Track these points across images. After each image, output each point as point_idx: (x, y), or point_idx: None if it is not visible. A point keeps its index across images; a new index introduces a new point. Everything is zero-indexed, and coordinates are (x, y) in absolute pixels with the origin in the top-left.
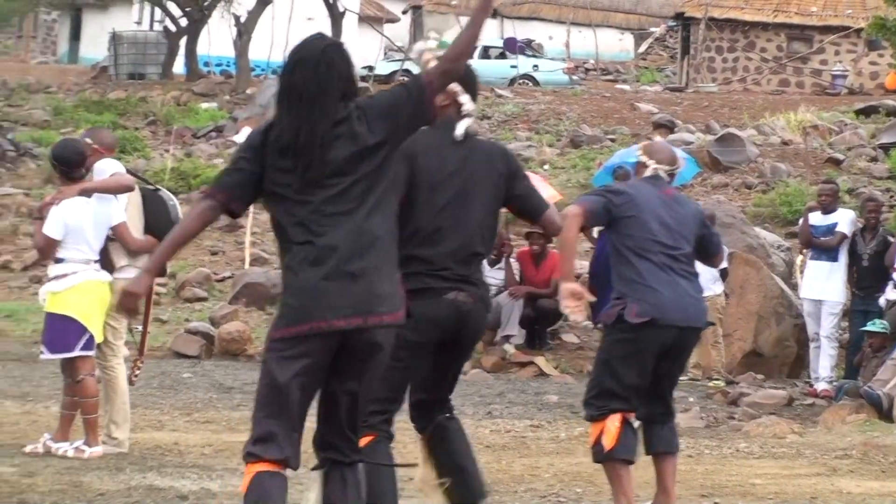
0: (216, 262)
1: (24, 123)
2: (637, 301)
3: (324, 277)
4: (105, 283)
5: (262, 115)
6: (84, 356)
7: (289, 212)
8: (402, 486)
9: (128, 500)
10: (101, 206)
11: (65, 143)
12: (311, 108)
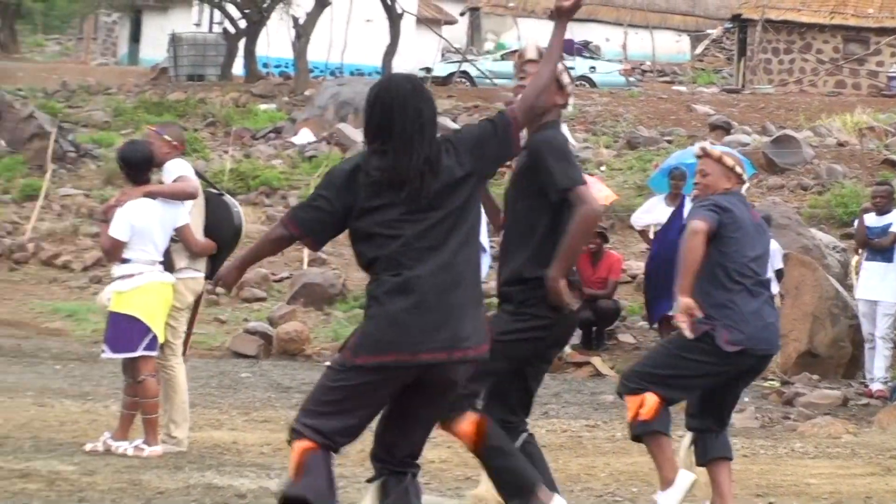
0: (275, 263)
1: (85, 125)
2: (728, 328)
3: (411, 310)
4: (168, 285)
5: (321, 117)
6: (146, 356)
7: (379, 246)
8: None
9: (186, 498)
10: (168, 208)
11: (132, 145)
12: (404, 145)
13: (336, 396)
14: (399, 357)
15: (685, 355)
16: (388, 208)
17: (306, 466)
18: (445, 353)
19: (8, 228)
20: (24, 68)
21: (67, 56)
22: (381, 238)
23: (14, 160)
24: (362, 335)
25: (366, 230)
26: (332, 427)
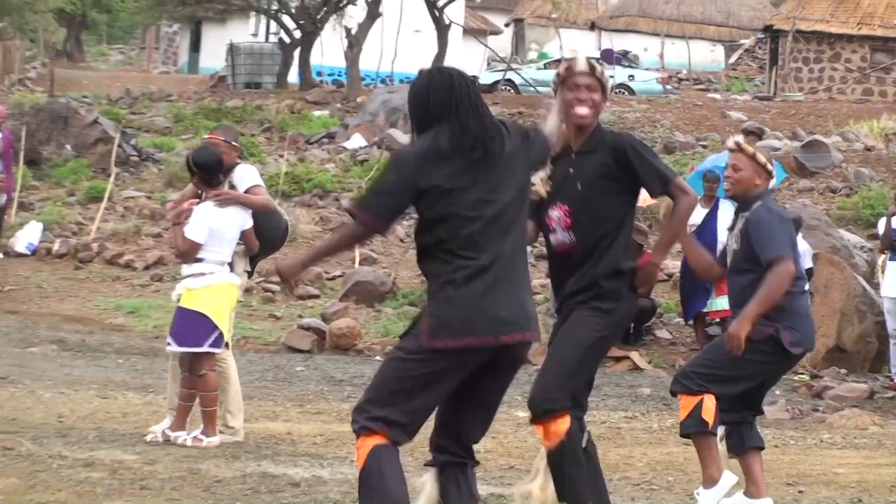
0: (327, 262)
1: (147, 130)
2: (789, 329)
3: (489, 292)
4: (235, 286)
5: (372, 122)
6: (210, 353)
7: (455, 227)
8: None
9: (243, 486)
10: (240, 212)
11: (205, 150)
12: (472, 113)
13: (407, 385)
14: (482, 340)
15: (748, 357)
16: (466, 191)
17: (379, 469)
18: (521, 335)
19: (73, 229)
20: (89, 77)
21: (130, 65)
22: (458, 219)
23: (79, 164)
24: (439, 319)
25: (441, 212)
26: (403, 417)
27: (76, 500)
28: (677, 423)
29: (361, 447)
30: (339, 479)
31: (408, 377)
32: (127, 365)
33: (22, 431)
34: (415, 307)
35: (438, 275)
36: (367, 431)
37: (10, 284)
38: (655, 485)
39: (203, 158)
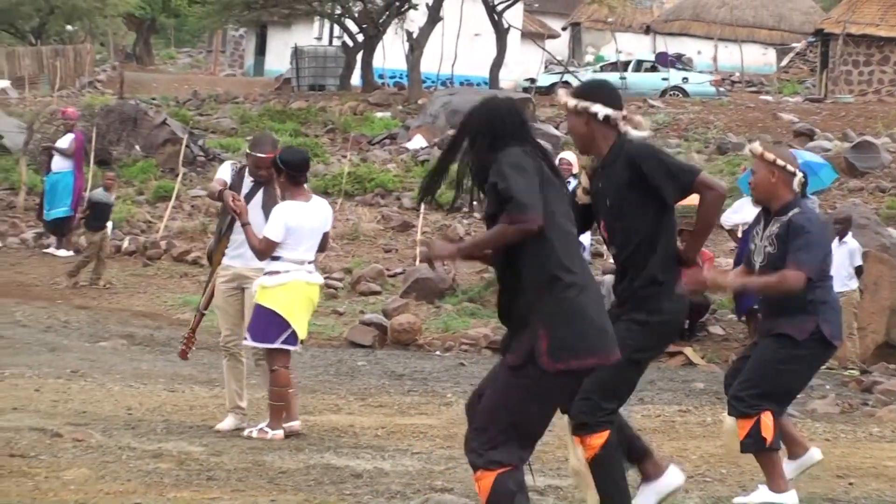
0: (389, 259)
1: (213, 131)
2: (827, 322)
3: (598, 311)
4: (314, 285)
5: (432, 124)
6: (282, 349)
7: (565, 239)
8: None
9: (307, 477)
10: (321, 212)
11: (292, 150)
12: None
13: (527, 413)
14: (602, 358)
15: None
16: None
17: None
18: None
19: (142, 227)
20: (158, 79)
21: (198, 68)
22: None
23: (148, 164)
24: (563, 339)
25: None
26: (524, 444)
27: (144, 490)
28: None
29: (484, 478)
30: (401, 470)
31: (530, 403)
32: (194, 359)
33: (92, 423)
34: (474, 303)
35: (551, 289)
36: (492, 466)
37: (81, 281)
38: (709, 477)
39: (291, 157)
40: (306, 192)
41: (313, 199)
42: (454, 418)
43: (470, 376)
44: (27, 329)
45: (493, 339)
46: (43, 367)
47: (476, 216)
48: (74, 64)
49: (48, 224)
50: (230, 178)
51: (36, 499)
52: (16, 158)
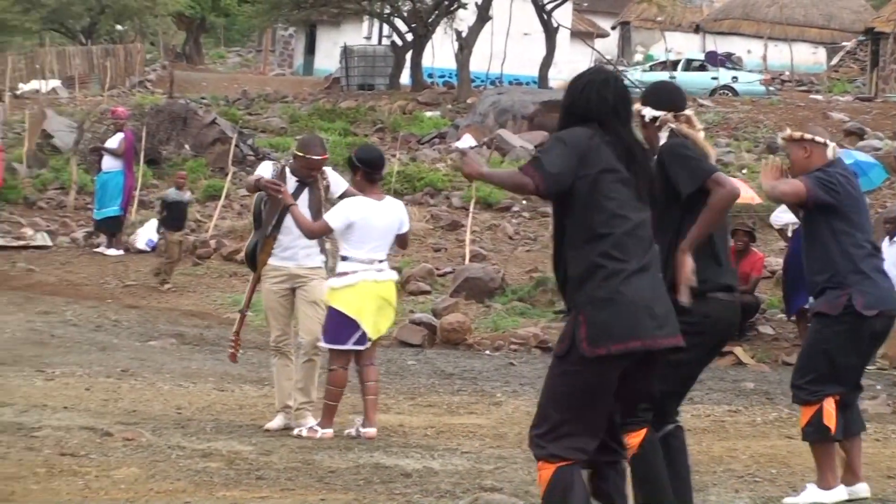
0: (439, 259)
1: (263, 130)
2: (861, 293)
3: (645, 296)
4: (384, 283)
5: (482, 123)
6: (341, 350)
7: (609, 223)
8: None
9: (356, 477)
10: (392, 213)
11: (368, 148)
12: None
13: (578, 400)
14: (645, 342)
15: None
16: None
17: (563, 490)
18: (673, 338)
19: (192, 226)
20: (208, 78)
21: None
22: (612, 217)
23: (198, 163)
24: (602, 322)
25: (599, 201)
26: (582, 435)
27: (194, 489)
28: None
29: (544, 469)
30: (450, 470)
31: (581, 382)
32: (243, 358)
33: (142, 422)
34: (523, 303)
35: (592, 272)
36: (552, 459)
37: (130, 279)
38: (759, 477)
39: (367, 155)
40: (380, 192)
41: (386, 199)
42: (503, 418)
43: (519, 376)
44: (78, 328)
45: (542, 339)
46: (93, 366)
47: (525, 215)
48: (125, 63)
49: (98, 223)
50: (270, 178)
51: (86, 497)
52: (66, 158)
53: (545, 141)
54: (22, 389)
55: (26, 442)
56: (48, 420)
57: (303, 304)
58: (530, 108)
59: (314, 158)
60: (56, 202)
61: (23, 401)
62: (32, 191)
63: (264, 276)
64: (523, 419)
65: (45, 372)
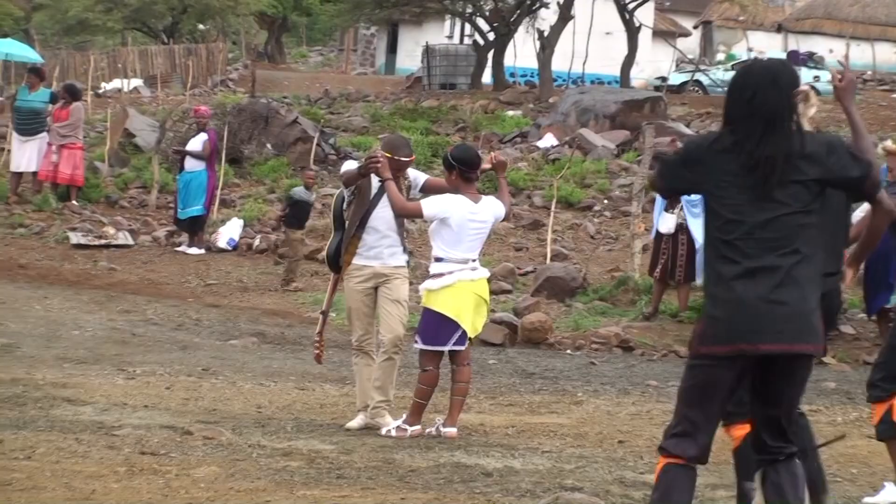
0: (520, 258)
1: (345, 129)
2: None
3: (756, 299)
4: (479, 281)
5: (563, 122)
6: (431, 351)
7: (724, 228)
8: None
9: (436, 476)
10: (487, 213)
11: (464, 147)
12: (754, 130)
13: (689, 395)
14: (749, 345)
15: None
16: (735, 190)
17: (665, 486)
18: (786, 345)
19: (273, 225)
20: (290, 77)
21: (329, 66)
22: (724, 220)
23: (279, 162)
24: (711, 323)
25: (715, 207)
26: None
27: (274, 488)
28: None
29: (658, 463)
30: (531, 469)
31: (688, 386)
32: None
33: (223, 421)
34: (604, 302)
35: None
36: (664, 453)
37: (212, 279)
38: (839, 477)
39: (463, 154)
40: (476, 192)
41: (482, 199)
42: (584, 417)
43: (600, 375)
44: (158, 327)
45: (623, 338)
46: (174, 364)
47: (606, 214)
48: (206, 63)
49: (181, 223)
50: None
51: (166, 496)
52: (148, 157)
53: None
54: (103, 388)
55: (107, 440)
56: (129, 419)
57: (385, 302)
58: (612, 108)
59: (402, 160)
60: (138, 201)
61: (104, 399)
62: (114, 190)
63: (347, 276)
64: (604, 418)
65: (126, 371)
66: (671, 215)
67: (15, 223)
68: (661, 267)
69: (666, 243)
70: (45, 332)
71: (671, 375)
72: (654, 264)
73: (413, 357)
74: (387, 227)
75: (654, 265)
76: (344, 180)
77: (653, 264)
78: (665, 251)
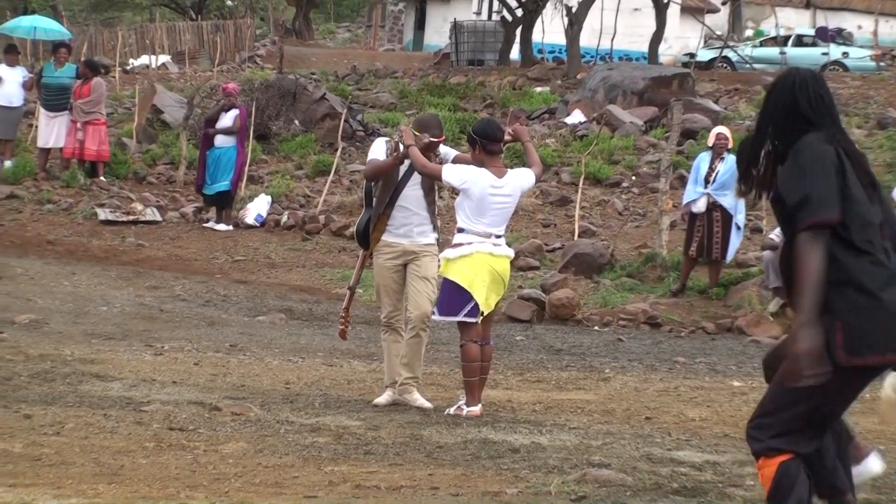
0: (548, 234)
1: (372, 106)
2: None
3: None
4: (500, 258)
5: (591, 99)
6: (467, 322)
7: (861, 229)
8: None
9: (464, 452)
10: (513, 185)
11: (484, 121)
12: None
13: (825, 402)
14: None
15: None
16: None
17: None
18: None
19: (301, 201)
20: (317, 54)
21: (357, 42)
22: (861, 221)
23: (307, 138)
24: (856, 331)
25: (851, 207)
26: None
27: (302, 464)
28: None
29: (766, 466)
30: (558, 445)
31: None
32: (352, 333)
33: (251, 397)
34: (632, 278)
35: (850, 277)
36: (773, 453)
37: (239, 255)
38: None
39: (485, 128)
40: (501, 166)
41: (507, 174)
42: (612, 393)
43: (628, 351)
44: (186, 303)
45: (651, 315)
46: (202, 340)
47: (634, 191)
48: (234, 39)
49: (209, 198)
50: (385, 155)
51: (195, 472)
52: (176, 133)
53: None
54: (131, 364)
55: (135, 416)
56: (157, 395)
57: (414, 278)
58: (640, 84)
59: (435, 141)
60: (165, 177)
61: (132, 375)
62: (142, 166)
63: (377, 252)
64: (631, 395)
65: (154, 347)
66: (702, 195)
67: (43, 199)
68: (696, 244)
69: (700, 221)
70: (73, 308)
71: (698, 352)
72: (690, 242)
73: (441, 334)
74: (416, 205)
75: (689, 243)
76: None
77: (688, 242)
78: (700, 228)
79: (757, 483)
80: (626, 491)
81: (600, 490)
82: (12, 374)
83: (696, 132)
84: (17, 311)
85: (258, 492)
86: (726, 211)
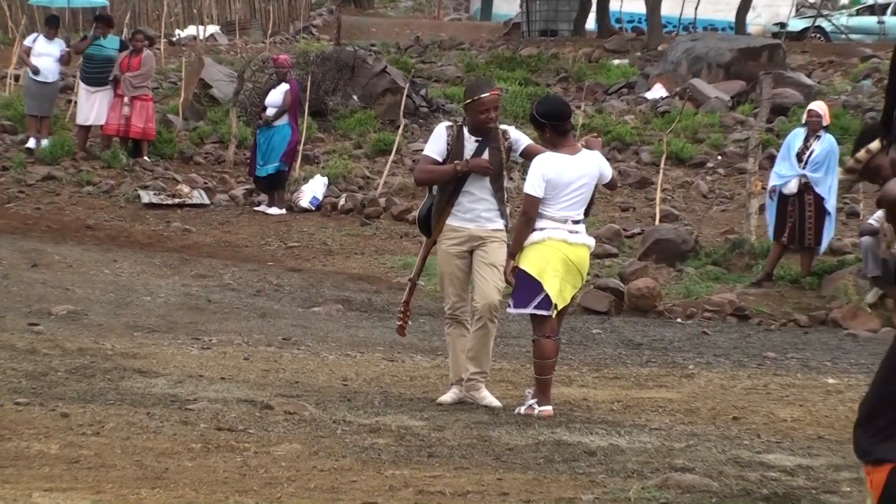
0: (626, 219)
1: (437, 80)
2: None
3: None
4: (577, 246)
5: (673, 72)
6: (540, 315)
7: None
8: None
9: (536, 455)
10: (588, 165)
11: (548, 98)
12: None
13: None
14: None
15: None
16: None
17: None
18: None
19: (359, 183)
20: (377, 24)
21: (420, 11)
22: None
23: (366, 115)
24: None
25: None
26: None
27: (360, 467)
28: None
29: (874, 473)
30: (638, 448)
31: None
32: (414, 326)
33: (305, 395)
34: (718, 267)
35: None
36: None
37: (293, 241)
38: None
39: (549, 107)
40: (573, 145)
41: (582, 152)
42: (696, 391)
43: (713, 346)
44: (236, 293)
45: (738, 306)
46: (253, 333)
47: (720, 172)
48: (288, 8)
49: (260, 181)
50: (447, 144)
51: (244, 476)
52: (225, 109)
53: None
54: (176, 359)
55: (181, 415)
56: (204, 392)
57: (481, 265)
58: (726, 56)
59: (485, 97)
60: (214, 157)
61: (177, 371)
62: (189, 145)
63: (441, 238)
64: (717, 393)
65: (202, 340)
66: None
67: (82, 181)
68: (788, 231)
69: (792, 205)
70: (114, 299)
71: (790, 346)
72: (781, 229)
73: (511, 326)
74: (482, 190)
75: (781, 230)
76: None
77: (779, 229)
78: (792, 213)
79: (854, 489)
80: (712, 497)
81: (683, 496)
82: (48, 370)
83: (787, 108)
84: (55, 302)
85: (313, 497)
86: (819, 194)
